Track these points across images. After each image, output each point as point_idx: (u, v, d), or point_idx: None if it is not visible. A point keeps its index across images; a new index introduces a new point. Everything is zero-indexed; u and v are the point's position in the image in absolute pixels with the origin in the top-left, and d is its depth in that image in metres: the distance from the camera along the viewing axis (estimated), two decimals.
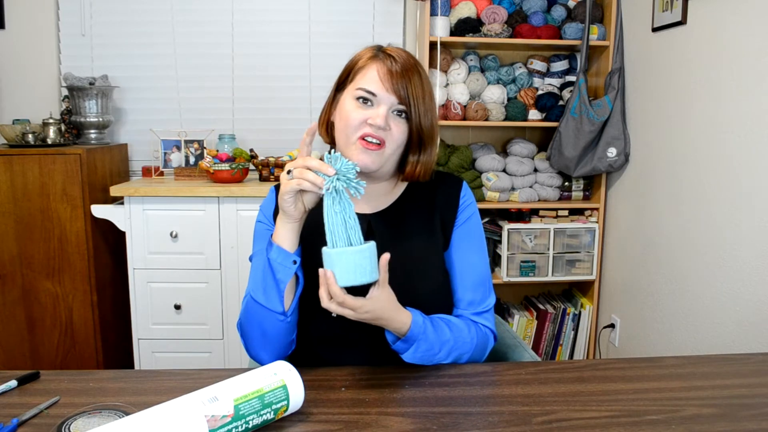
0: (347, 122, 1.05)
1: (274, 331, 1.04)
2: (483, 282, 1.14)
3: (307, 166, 0.93)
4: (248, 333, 1.07)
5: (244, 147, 2.61)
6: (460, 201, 1.15)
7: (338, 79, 1.13)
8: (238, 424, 0.77)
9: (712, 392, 0.94)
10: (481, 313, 1.13)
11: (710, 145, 1.93)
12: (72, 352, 2.33)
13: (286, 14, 2.69)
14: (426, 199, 1.15)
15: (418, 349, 1.01)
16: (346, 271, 0.90)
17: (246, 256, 2.32)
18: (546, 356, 2.74)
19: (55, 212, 2.23)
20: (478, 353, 1.11)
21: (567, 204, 2.64)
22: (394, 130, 1.04)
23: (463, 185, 1.17)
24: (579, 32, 2.51)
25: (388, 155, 1.05)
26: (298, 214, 0.98)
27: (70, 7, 2.61)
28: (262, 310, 1.02)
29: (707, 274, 1.95)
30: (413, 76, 1.05)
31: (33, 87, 2.63)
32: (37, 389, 0.93)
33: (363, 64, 1.09)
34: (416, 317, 1.01)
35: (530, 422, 0.84)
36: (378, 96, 1.04)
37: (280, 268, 1.00)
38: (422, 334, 1.01)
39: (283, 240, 1.00)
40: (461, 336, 1.07)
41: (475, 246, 1.15)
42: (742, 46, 1.78)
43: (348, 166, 0.92)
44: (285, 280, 1.00)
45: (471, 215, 1.15)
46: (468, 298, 1.13)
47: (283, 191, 0.95)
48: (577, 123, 2.47)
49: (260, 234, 1.16)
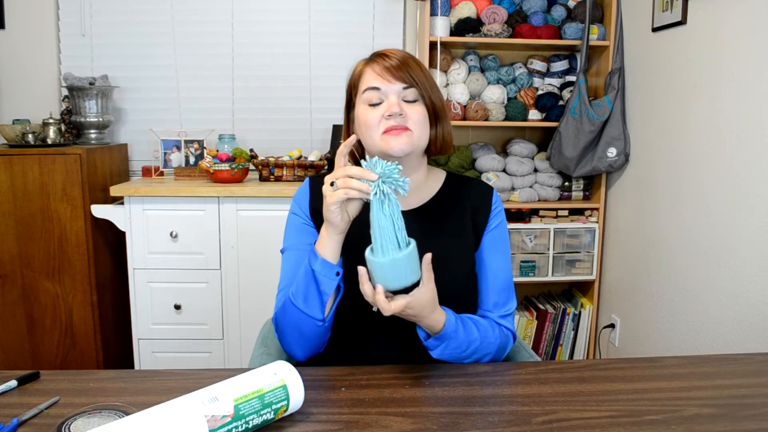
0: (366, 124, 1.07)
1: (311, 333, 1.06)
2: (508, 286, 1.17)
3: (348, 175, 0.93)
4: (284, 331, 1.09)
5: (244, 147, 2.61)
6: (492, 206, 1.18)
7: (345, 101, 1.16)
8: (238, 424, 0.77)
9: (712, 392, 0.94)
10: (504, 315, 1.16)
11: (710, 145, 1.93)
12: (72, 352, 2.33)
13: (286, 14, 2.69)
14: (459, 200, 1.18)
15: (448, 347, 1.03)
16: (397, 277, 0.91)
17: (246, 256, 2.32)
18: (546, 356, 2.74)
19: (55, 212, 2.23)
20: (499, 354, 1.14)
21: (567, 204, 2.64)
22: (411, 113, 1.07)
23: (495, 192, 1.21)
24: (579, 32, 2.51)
25: (418, 137, 1.07)
26: (344, 224, 0.99)
27: (70, 7, 2.61)
28: (301, 314, 1.04)
29: (707, 274, 1.95)
30: (411, 63, 1.09)
31: (33, 87, 2.63)
32: (37, 389, 0.93)
33: (360, 71, 1.12)
34: (450, 316, 1.03)
35: (530, 422, 0.84)
36: (383, 89, 1.07)
37: (324, 280, 1.01)
38: (454, 333, 1.03)
39: (328, 252, 1.00)
40: (487, 337, 1.09)
41: (502, 251, 1.18)
42: (742, 46, 1.78)
43: (390, 167, 0.92)
44: (328, 292, 1.02)
45: (501, 221, 1.19)
46: (493, 300, 1.15)
47: (329, 203, 0.95)
48: (577, 123, 2.47)
49: (294, 227, 1.17)
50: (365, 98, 1.08)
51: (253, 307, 2.35)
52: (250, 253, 2.32)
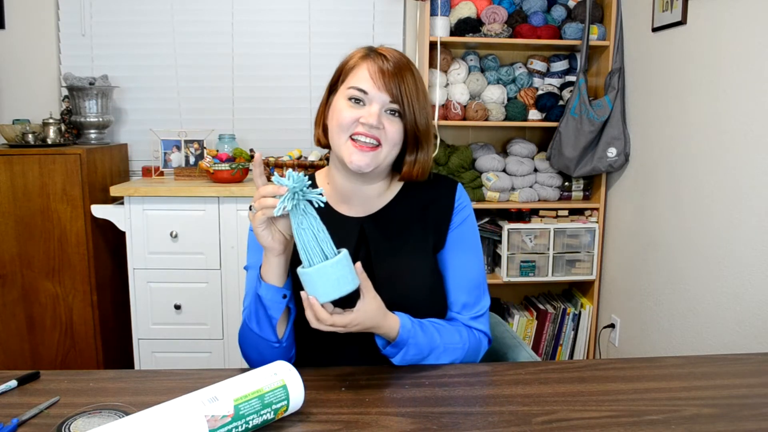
0: (339, 122, 1.04)
1: (270, 354, 1.03)
2: (477, 285, 1.13)
3: (262, 195, 0.91)
4: (246, 350, 1.07)
5: (244, 147, 2.61)
6: (455, 203, 1.13)
7: (330, 80, 1.12)
8: (238, 424, 0.77)
9: (712, 392, 0.94)
10: (476, 317, 1.12)
11: (710, 145, 1.93)
12: (72, 352, 2.33)
13: (286, 14, 2.69)
14: (420, 201, 1.13)
15: (408, 353, 1.01)
16: (329, 286, 0.89)
17: (246, 256, 2.32)
18: (546, 356, 2.74)
19: (55, 212, 2.23)
20: (470, 358, 1.10)
21: (567, 204, 2.64)
22: (388, 128, 1.03)
23: (458, 188, 1.15)
24: (579, 32, 2.51)
25: (384, 156, 1.04)
26: (279, 245, 0.95)
27: (70, 7, 2.61)
28: (257, 336, 1.02)
29: (707, 274, 1.95)
30: (406, 74, 1.04)
31: (33, 87, 2.63)
32: (37, 389, 0.93)
33: (354, 63, 1.08)
34: (404, 321, 1.01)
35: (530, 422, 0.84)
36: (370, 94, 1.03)
37: (271, 304, 0.99)
38: (411, 339, 1.01)
39: (272, 275, 0.98)
40: (452, 341, 1.06)
41: (469, 249, 1.13)
42: (742, 46, 1.78)
43: (300, 180, 0.89)
44: (276, 316, 1.00)
45: (466, 218, 1.14)
46: (462, 300, 1.12)
47: (254, 228, 0.93)
48: (577, 123, 2.47)
49: (252, 245, 1.14)
50: (348, 93, 1.04)
51: None
52: None
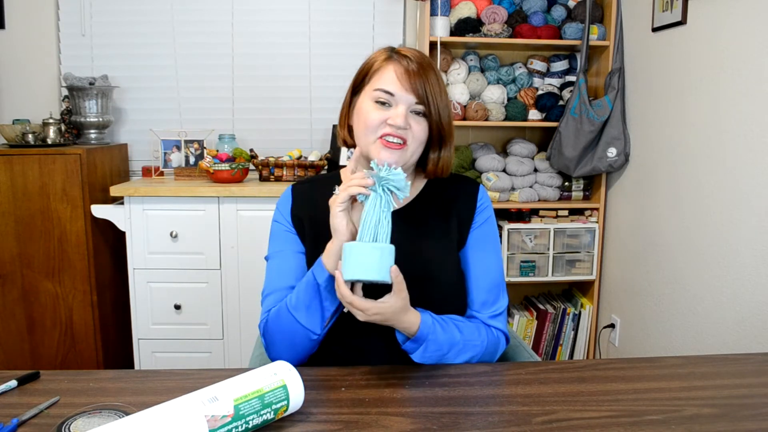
0: (367, 124, 1.06)
1: (303, 344, 1.05)
2: (497, 284, 1.15)
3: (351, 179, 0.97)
4: (274, 338, 1.08)
5: (244, 147, 2.61)
6: (477, 203, 1.16)
7: (353, 82, 1.13)
8: (238, 424, 0.77)
9: (712, 392, 0.94)
10: (494, 315, 1.14)
11: (710, 145, 1.93)
12: (72, 352, 2.33)
13: (286, 14, 2.69)
14: (443, 199, 1.16)
15: (427, 350, 1.03)
16: (357, 266, 0.91)
17: (246, 256, 2.32)
18: (546, 356, 2.74)
19: (55, 212, 2.23)
20: (488, 356, 1.11)
21: (567, 204, 2.64)
22: (415, 128, 1.06)
23: (481, 188, 1.19)
24: (579, 32, 2.51)
25: (411, 153, 1.07)
26: (348, 232, 0.98)
27: (70, 7, 2.61)
28: (298, 326, 1.03)
29: (707, 274, 1.95)
30: (429, 74, 1.07)
31: (33, 87, 2.63)
32: (37, 389, 0.93)
33: (379, 66, 1.09)
34: (425, 317, 1.02)
35: (530, 422, 0.84)
36: (396, 96, 1.05)
37: (328, 295, 1.01)
38: (431, 335, 1.02)
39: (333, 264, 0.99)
40: (471, 338, 1.08)
41: (490, 249, 1.16)
42: (742, 46, 1.78)
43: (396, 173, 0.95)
44: (331, 309, 1.02)
45: (488, 218, 1.17)
46: (481, 299, 1.14)
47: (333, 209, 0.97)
48: (577, 123, 2.47)
49: (277, 234, 1.17)
50: (375, 95, 1.06)
51: (253, 307, 2.35)
52: (250, 253, 2.32)
